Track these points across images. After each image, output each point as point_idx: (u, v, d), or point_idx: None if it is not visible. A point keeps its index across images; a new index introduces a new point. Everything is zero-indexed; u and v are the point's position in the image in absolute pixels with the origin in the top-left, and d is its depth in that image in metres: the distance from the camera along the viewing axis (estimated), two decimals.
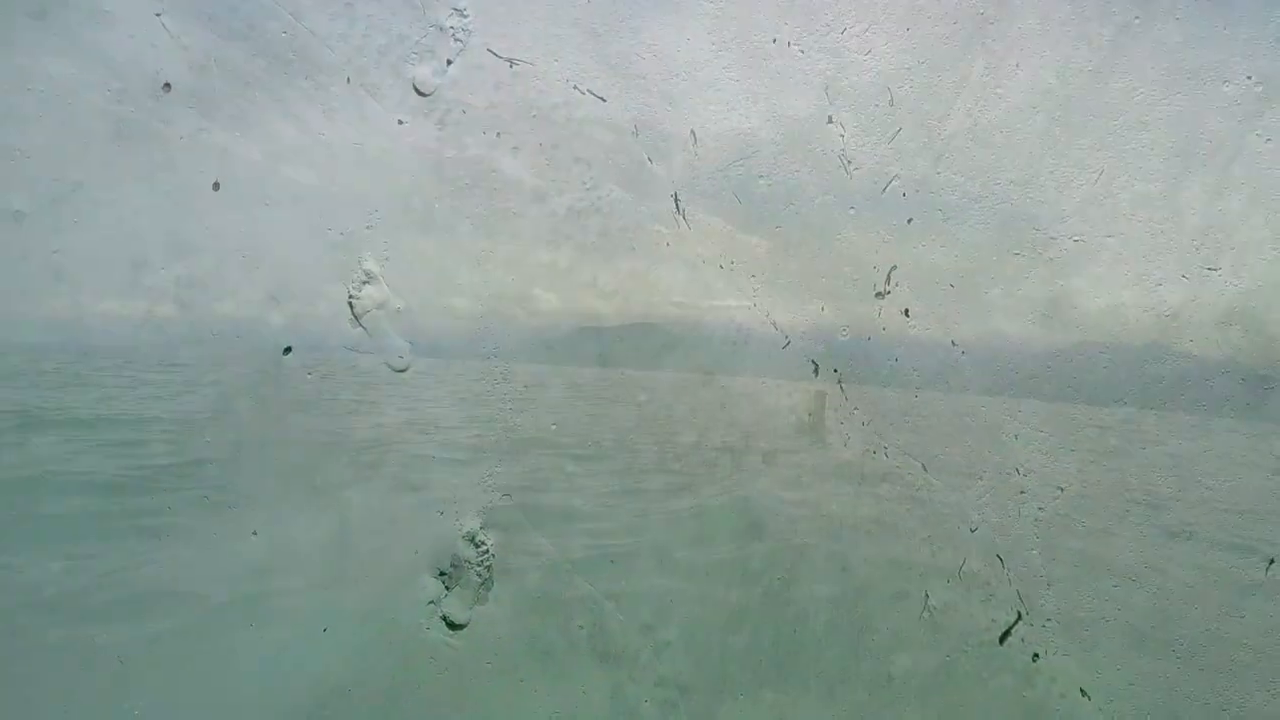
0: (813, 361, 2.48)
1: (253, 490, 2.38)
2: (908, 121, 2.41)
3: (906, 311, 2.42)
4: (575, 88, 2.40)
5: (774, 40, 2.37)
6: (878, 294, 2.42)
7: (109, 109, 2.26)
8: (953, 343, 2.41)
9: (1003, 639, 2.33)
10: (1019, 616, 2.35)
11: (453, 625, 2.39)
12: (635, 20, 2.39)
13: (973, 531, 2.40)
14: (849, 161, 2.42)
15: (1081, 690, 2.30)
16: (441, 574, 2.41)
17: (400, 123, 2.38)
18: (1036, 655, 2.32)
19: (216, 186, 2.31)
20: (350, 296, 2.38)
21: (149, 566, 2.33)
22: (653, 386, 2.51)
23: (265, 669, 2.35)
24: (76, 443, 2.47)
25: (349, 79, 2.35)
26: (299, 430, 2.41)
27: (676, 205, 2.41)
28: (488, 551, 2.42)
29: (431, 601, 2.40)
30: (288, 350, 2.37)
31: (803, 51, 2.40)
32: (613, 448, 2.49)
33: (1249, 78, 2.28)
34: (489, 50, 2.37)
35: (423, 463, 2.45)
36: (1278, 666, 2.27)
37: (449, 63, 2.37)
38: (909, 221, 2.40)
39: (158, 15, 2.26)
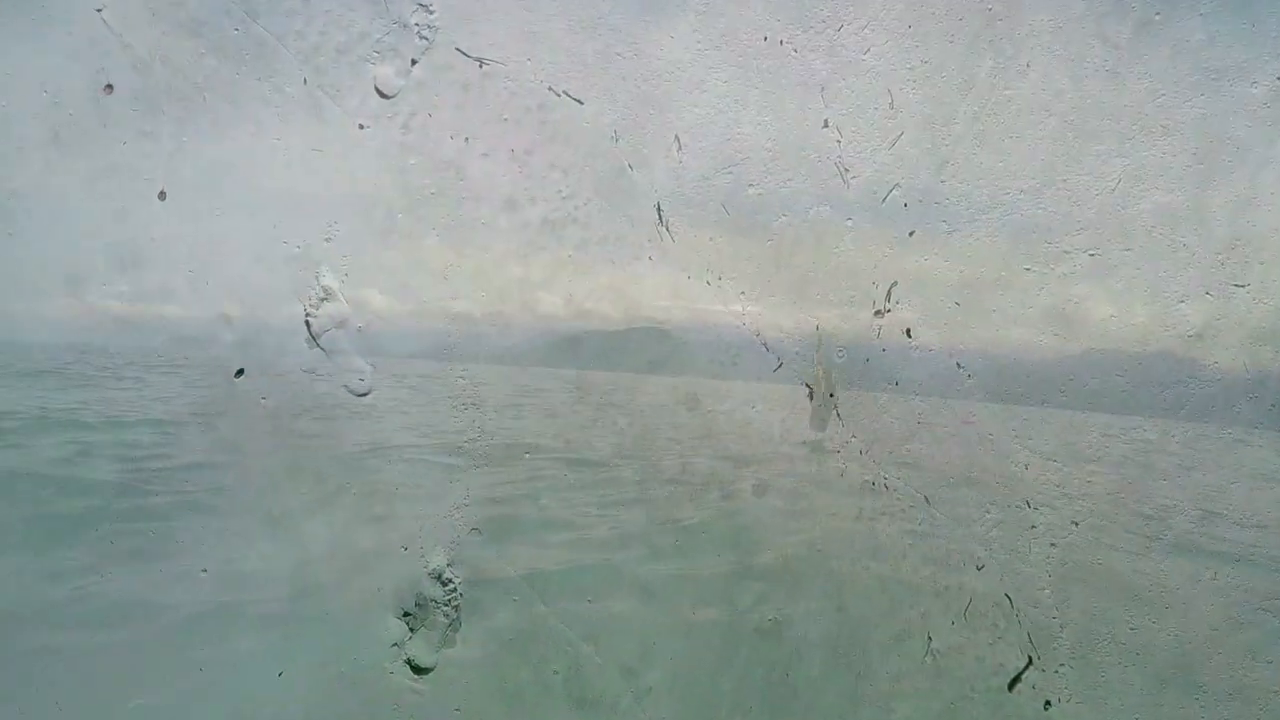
0: (807, 385, 2.39)
1: (201, 524, 2.30)
2: (909, 126, 2.31)
3: (908, 331, 2.33)
4: (550, 89, 2.31)
5: (765, 38, 2.29)
6: (877, 312, 2.33)
7: (46, 112, 2.16)
8: (958, 365, 2.32)
9: (1012, 685, 2.26)
10: (1030, 661, 2.27)
11: (418, 669, 2.30)
12: (615, 17, 2.31)
13: (979, 569, 2.32)
14: (846, 169, 2.32)
15: None
16: (406, 614, 2.32)
17: (361, 127, 2.28)
18: (1048, 703, 2.25)
19: (162, 195, 2.22)
20: (307, 314, 2.28)
21: (87, 610, 2.20)
22: (633, 411, 2.42)
23: (215, 718, 2.20)
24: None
25: (306, 80, 2.26)
26: (251, 460, 2.32)
27: (659, 215, 2.33)
28: (455, 590, 2.33)
29: (395, 644, 2.31)
30: (239, 373, 2.27)
31: (796, 50, 2.31)
32: (591, 479, 2.37)
33: (1279, 78, 2.14)
34: (457, 49, 2.27)
35: (385, 493, 2.36)
36: None
37: (414, 62, 2.27)
38: (911, 234, 2.31)
39: (98, 11, 2.15)
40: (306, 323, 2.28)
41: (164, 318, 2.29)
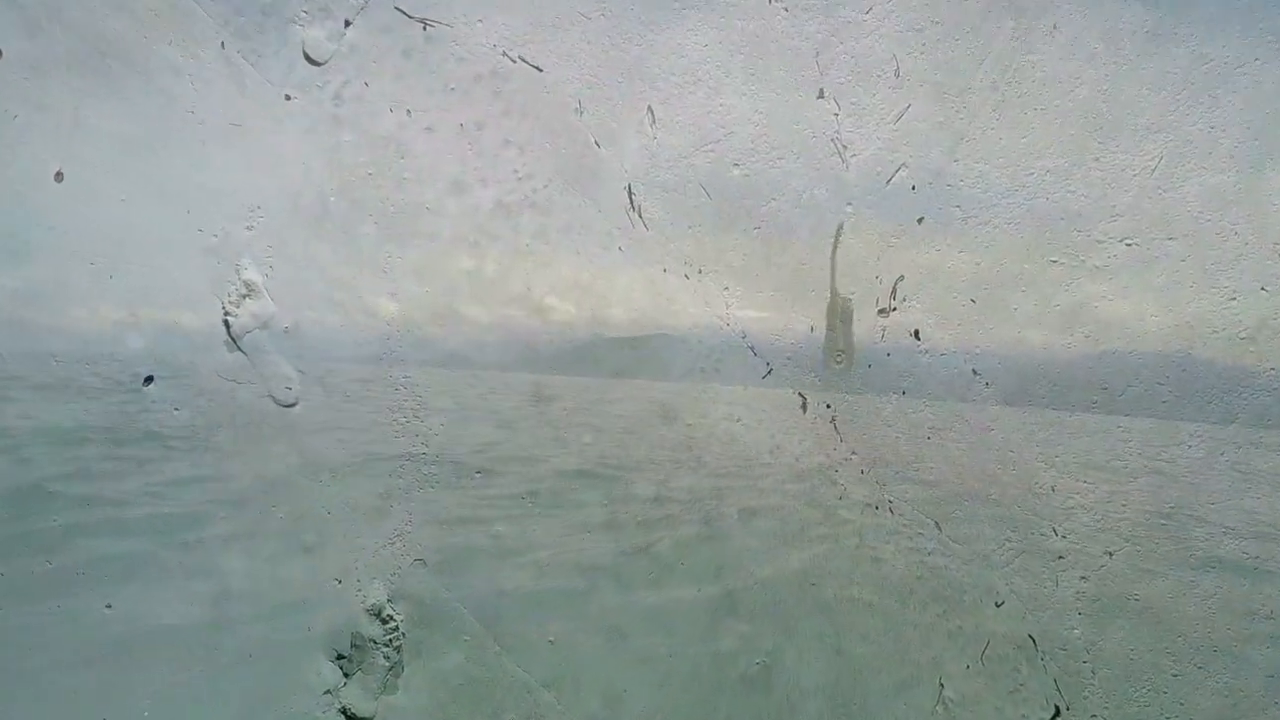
0: (799, 394, 2.25)
1: (104, 554, 2.20)
2: (918, 97, 2.17)
3: (916, 332, 2.19)
4: (505, 55, 2.19)
5: None
6: (881, 310, 2.20)
7: None
8: (973, 370, 2.18)
9: None
10: (1057, 711, 2.16)
11: (354, 719, 2.23)
12: None
13: (999, 606, 2.19)
14: (845, 147, 2.19)
15: None
16: (340, 657, 2.24)
17: (288, 98, 2.17)
18: None
19: (59, 177, 2.10)
20: (226, 313, 2.18)
21: None
22: (601, 425, 2.32)
23: None
24: None
25: (224, 44, 2.15)
26: (162, 478, 2.22)
27: (630, 200, 2.21)
28: (397, 628, 2.25)
29: (328, 690, 2.23)
30: (149, 380, 2.17)
31: (787, 9, 2.18)
32: (553, 501, 2.23)
33: None
34: (397, 8, 2.16)
35: (316, 518, 2.25)
36: None
37: (347, 24, 2.16)
38: (919, 221, 2.17)
39: None
40: (225, 322, 2.18)
41: (61, 318, 2.13)
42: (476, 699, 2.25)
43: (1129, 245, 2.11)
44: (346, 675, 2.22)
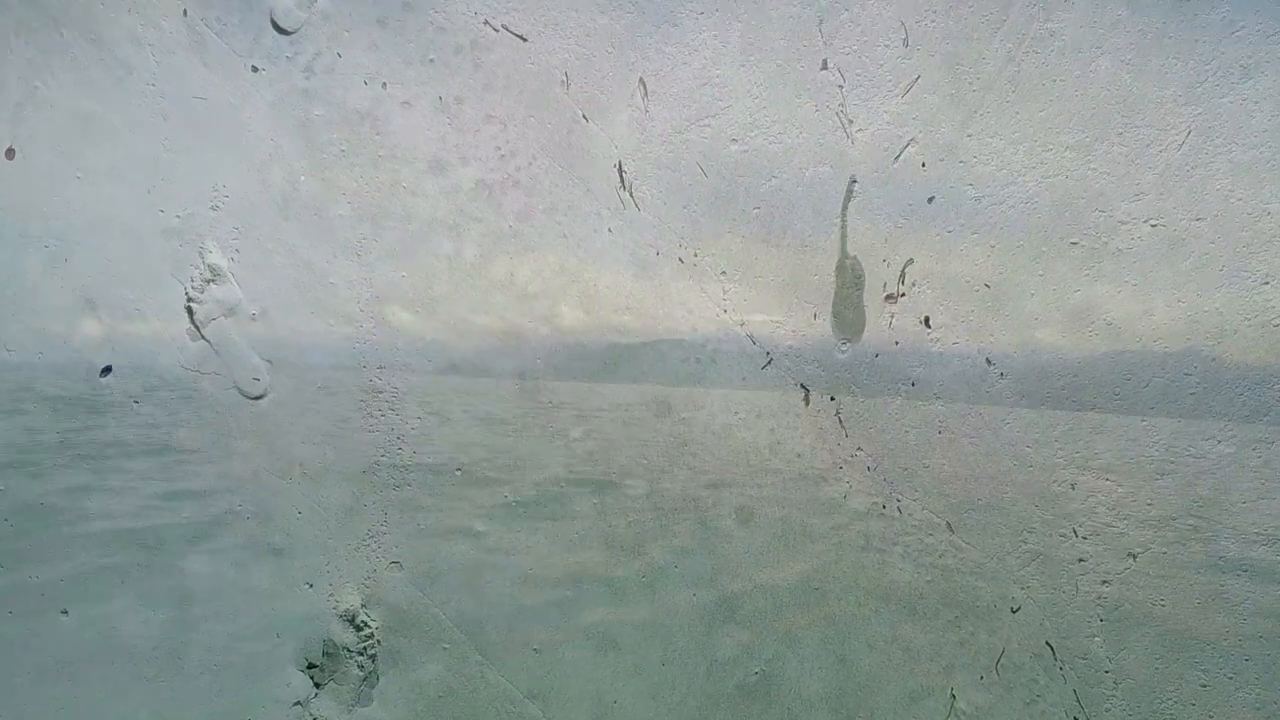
0: (802, 386, 2.17)
1: (60, 555, 2.10)
2: (928, 68, 2.08)
3: (926, 320, 2.12)
4: (487, 23, 2.11)
5: None
6: (888, 296, 2.12)
7: None
8: (988, 361, 2.10)
9: None
10: None
11: None
12: None
13: (1014, 612, 2.12)
14: (850, 121, 2.11)
15: None
16: (311, 666, 2.18)
17: (255, 69, 2.11)
18: None
19: (10, 154, 2.05)
20: (190, 300, 2.12)
21: None
22: (589, 419, 2.21)
23: None
24: None
25: (186, 11, 2.08)
26: (121, 476, 2.13)
27: (621, 178, 2.14)
28: (371, 636, 2.19)
29: (298, 702, 2.17)
30: (106, 371, 2.10)
31: None
32: (535, 498, 2.22)
33: None
34: None
35: (285, 518, 2.17)
36: None
37: None
38: (930, 200, 2.10)
39: None
40: (188, 309, 2.12)
41: (12, 304, 2.06)
42: (456, 711, 2.19)
43: (1154, 226, 2.04)
44: (318, 686, 2.16)
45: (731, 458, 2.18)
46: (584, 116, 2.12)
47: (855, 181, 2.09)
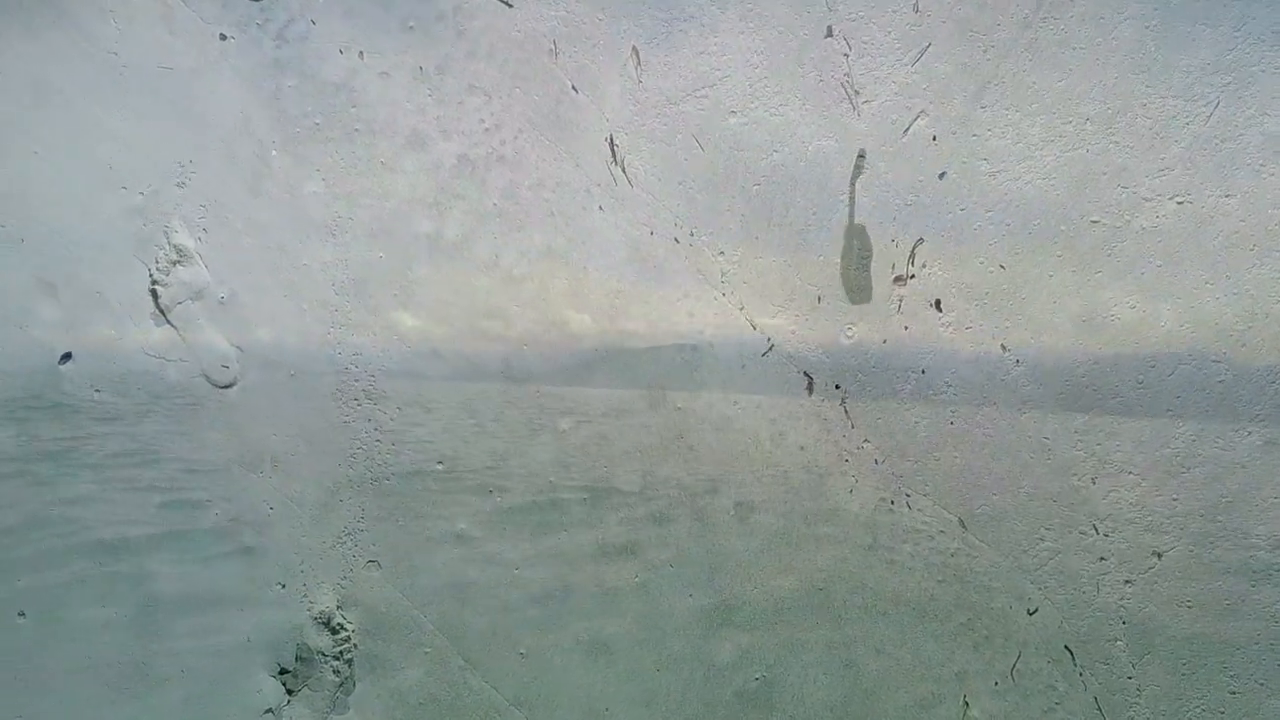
0: (805, 373, 2.10)
1: (17, 554, 2.07)
2: (939, 34, 2.02)
3: (938, 303, 2.05)
4: None
5: None
6: (897, 278, 2.06)
7: None
8: (1003, 347, 2.04)
9: None
10: None
11: None
12: None
13: (1031, 614, 2.06)
14: (856, 92, 2.05)
15: None
16: (283, 672, 2.15)
17: (224, 37, 2.07)
18: None
19: None
20: (154, 282, 2.09)
21: None
22: (576, 409, 2.14)
23: None
24: None
25: None
26: (81, 469, 2.09)
27: (613, 152, 2.09)
28: (348, 639, 2.15)
29: (270, 710, 2.14)
30: (66, 357, 2.07)
31: None
32: (521, 493, 2.20)
33: None
34: None
35: (256, 514, 2.13)
36: None
37: None
38: (941, 176, 2.03)
39: None
40: (153, 292, 2.09)
41: None
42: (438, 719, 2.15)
43: (1180, 203, 1.97)
44: (290, 692, 2.13)
45: (730, 451, 2.12)
46: (573, 87, 2.07)
47: (863, 156, 2.01)
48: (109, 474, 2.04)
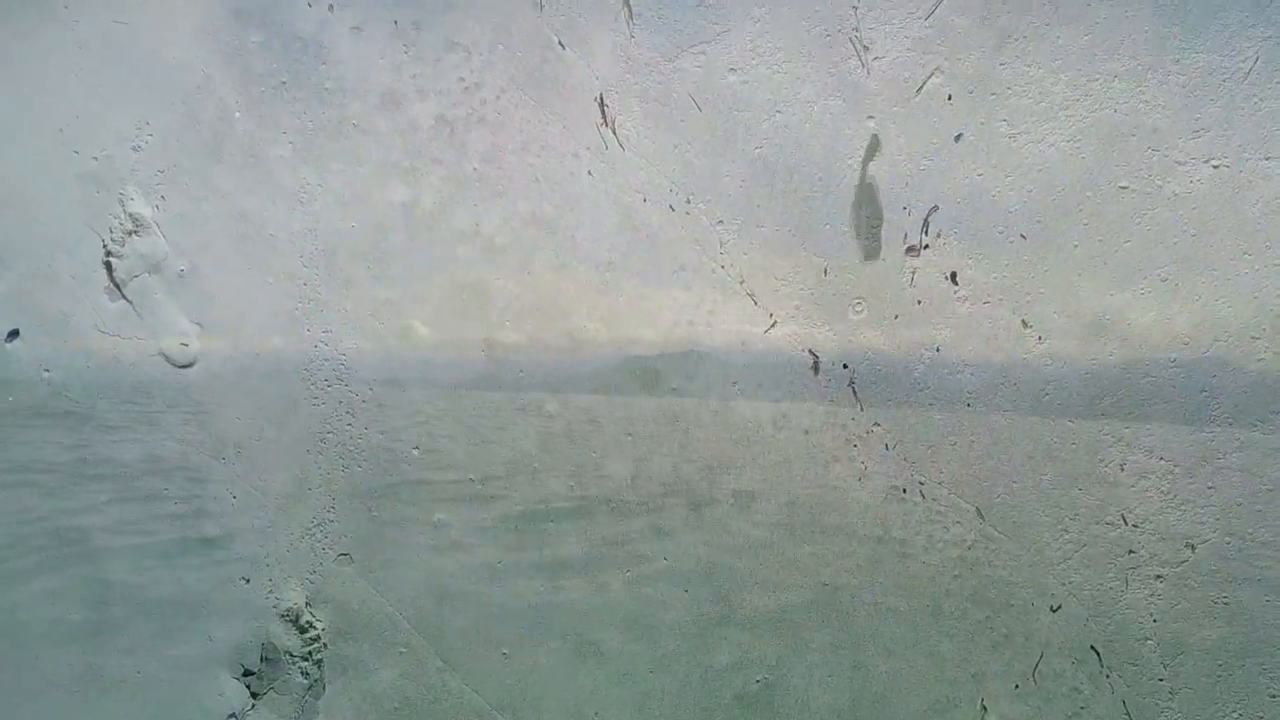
0: (811, 352, 2.04)
1: None
2: None
3: (953, 275, 2.00)
4: None
5: None
6: (910, 249, 2.00)
7: None
8: (1023, 323, 1.98)
9: None
10: None
11: None
12: None
13: (1055, 611, 2.02)
14: (866, 48, 1.98)
15: None
16: (248, 673, 2.13)
17: None
18: None
19: None
20: (108, 254, 2.06)
21: None
22: (564, 390, 2.08)
23: None
24: None
25: None
26: (31, 457, 2.05)
27: (603, 113, 2.04)
28: (317, 638, 2.12)
29: (233, 714, 2.12)
30: (13, 335, 2.05)
31: None
32: (503, 483, 2.14)
33: None
34: None
35: (219, 505, 2.09)
36: None
37: None
38: (957, 139, 1.98)
39: None
40: (107, 265, 2.07)
41: None
42: None
43: (1216, 167, 1.92)
44: (255, 696, 2.11)
45: (729, 435, 2.07)
46: (560, 43, 2.03)
47: (877, 140, 1.96)
48: (58, 459, 2.01)
